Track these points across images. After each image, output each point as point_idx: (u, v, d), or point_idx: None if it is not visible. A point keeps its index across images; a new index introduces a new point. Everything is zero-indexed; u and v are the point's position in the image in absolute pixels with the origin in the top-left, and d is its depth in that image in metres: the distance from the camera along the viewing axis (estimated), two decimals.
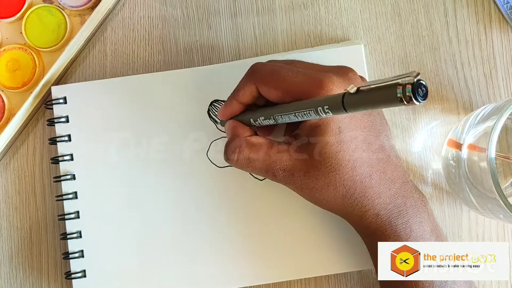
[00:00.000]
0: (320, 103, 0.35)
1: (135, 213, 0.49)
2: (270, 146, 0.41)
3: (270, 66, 0.41)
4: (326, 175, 0.39)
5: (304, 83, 0.39)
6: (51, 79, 0.51)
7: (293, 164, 0.40)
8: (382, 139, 0.41)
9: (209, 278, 0.48)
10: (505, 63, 0.50)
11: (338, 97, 0.33)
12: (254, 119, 0.42)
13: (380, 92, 0.30)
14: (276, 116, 0.40)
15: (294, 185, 0.41)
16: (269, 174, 0.41)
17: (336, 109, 0.34)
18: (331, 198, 0.40)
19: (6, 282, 0.51)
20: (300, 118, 0.37)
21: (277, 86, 0.40)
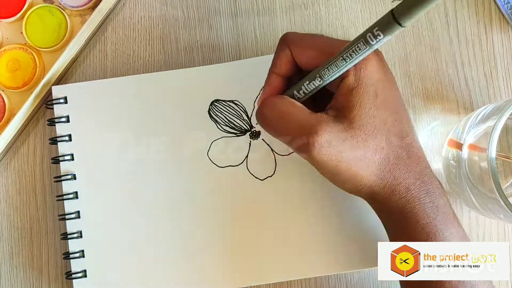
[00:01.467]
0: (368, 29, 0.33)
1: (135, 213, 0.49)
2: (308, 111, 0.39)
3: (301, 33, 0.41)
4: (364, 141, 0.37)
5: (339, 42, 0.38)
6: (52, 79, 0.51)
7: (331, 132, 0.37)
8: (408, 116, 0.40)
9: (209, 278, 0.48)
10: (505, 63, 0.50)
11: (386, 14, 0.31)
12: (297, 89, 0.40)
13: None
14: (321, 71, 0.37)
15: (329, 157, 0.37)
16: (302, 140, 0.38)
17: (388, 26, 0.31)
18: (365, 172, 0.38)
19: (6, 281, 0.51)
20: (349, 60, 0.35)
21: (312, 46, 0.39)
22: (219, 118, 0.49)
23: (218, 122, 0.49)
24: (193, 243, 0.48)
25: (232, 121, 0.49)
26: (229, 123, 0.49)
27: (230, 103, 0.49)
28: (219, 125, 0.49)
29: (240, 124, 0.49)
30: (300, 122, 0.38)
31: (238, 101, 0.49)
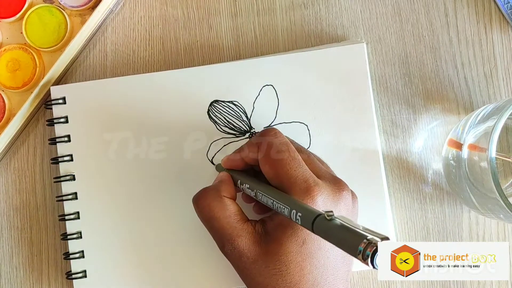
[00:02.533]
0: (296, 208, 0.35)
1: (135, 213, 0.49)
2: (237, 218, 0.41)
3: (279, 144, 0.41)
4: (271, 275, 0.38)
5: (297, 180, 0.39)
6: (52, 79, 0.51)
7: (248, 248, 0.39)
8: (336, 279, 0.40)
9: (209, 278, 0.48)
10: (505, 63, 0.50)
11: (312, 214, 0.34)
12: (241, 182, 0.43)
13: (347, 234, 0.31)
14: (257, 192, 0.40)
15: (237, 263, 0.40)
16: (219, 241, 0.41)
17: (305, 223, 0.34)
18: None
19: (6, 282, 0.51)
20: (275, 208, 0.38)
21: (273, 167, 0.40)
22: (218, 119, 0.49)
23: (217, 123, 0.49)
24: (193, 243, 0.48)
25: (232, 122, 0.49)
26: (228, 124, 0.49)
27: (230, 104, 0.49)
28: (219, 126, 0.49)
29: (239, 125, 0.49)
30: (223, 231, 0.40)
31: (237, 102, 0.49)
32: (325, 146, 0.48)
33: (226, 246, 0.40)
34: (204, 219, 0.42)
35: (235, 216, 0.41)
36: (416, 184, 0.50)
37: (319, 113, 0.49)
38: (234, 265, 0.41)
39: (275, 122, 0.49)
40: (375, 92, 0.50)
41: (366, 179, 0.48)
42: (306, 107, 0.49)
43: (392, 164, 0.50)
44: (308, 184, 0.38)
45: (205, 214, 0.41)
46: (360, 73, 0.48)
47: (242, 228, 0.40)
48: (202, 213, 0.41)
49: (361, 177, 0.47)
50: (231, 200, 0.42)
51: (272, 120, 0.49)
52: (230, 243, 0.40)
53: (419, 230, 0.49)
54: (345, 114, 0.48)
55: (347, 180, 0.42)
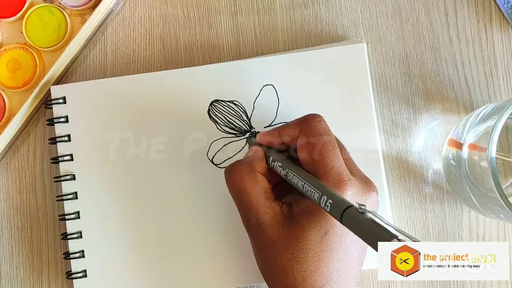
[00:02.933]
0: (328, 194, 0.35)
1: (135, 213, 0.49)
2: (267, 196, 0.41)
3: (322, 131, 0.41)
4: (288, 259, 0.38)
5: (332, 170, 0.39)
6: (52, 78, 0.51)
7: (271, 227, 0.39)
8: (352, 275, 0.40)
9: (209, 278, 0.48)
10: (505, 63, 0.50)
11: (343, 204, 0.33)
12: (273, 159, 0.42)
13: (378, 230, 0.30)
14: (289, 172, 0.40)
15: (257, 240, 0.41)
16: (245, 214, 0.41)
17: (335, 212, 0.34)
18: (272, 274, 0.40)
19: (6, 281, 0.52)
20: (305, 192, 0.38)
21: (312, 152, 0.40)
22: (219, 119, 0.49)
23: (218, 122, 0.49)
24: (193, 243, 0.48)
25: (232, 122, 0.49)
26: (228, 123, 0.49)
27: (230, 104, 0.49)
28: (219, 126, 0.49)
29: (239, 124, 0.49)
30: (251, 205, 0.40)
31: (237, 102, 0.49)
32: None
33: (251, 220, 0.40)
34: (235, 191, 0.41)
35: (265, 193, 0.41)
36: (416, 183, 0.50)
37: (319, 112, 0.48)
38: (253, 242, 0.41)
39: (275, 122, 0.49)
40: (375, 91, 0.50)
41: None
42: (306, 106, 0.49)
43: (392, 163, 0.50)
44: (342, 177, 0.38)
45: (236, 186, 0.41)
46: (360, 72, 0.48)
47: (270, 206, 0.40)
48: (234, 186, 0.41)
49: None
50: (263, 176, 0.42)
51: (273, 120, 0.49)
52: (255, 218, 0.40)
53: (419, 229, 0.49)
54: (345, 113, 0.48)
55: None
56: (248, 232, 0.41)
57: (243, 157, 0.44)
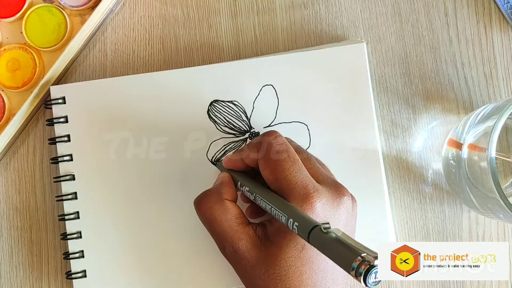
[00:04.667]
0: (294, 216, 0.35)
1: (134, 213, 0.49)
2: (238, 221, 0.41)
3: (279, 148, 0.41)
4: (270, 279, 0.38)
5: (296, 185, 0.39)
6: (51, 78, 0.51)
7: (248, 251, 0.39)
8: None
9: (209, 278, 0.48)
10: (505, 63, 0.50)
11: (309, 225, 0.34)
12: (241, 184, 0.42)
13: (341, 249, 0.31)
14: (257, 196, 0.40)
15: (237, 266, 0.41)
16: (220, 244, 0.41)
17: (302, 233, 0.34)
18: None
19: (6, 281, 0.51)
20: (273, 215, 0.38)
21: (273, 171, 0.40)
22: (218, 119, 0.49)
23: (217, 122, 0.49)
24: (193, 243, 0.48)
25: (231, 122, 0.49)
26: (228, 123, 0.49)
27: (230, 104, 0.49)
28: (218, 126, 0.49)
29: (239, 125, 0.49)
30: (224, 234, 0.40)
31: (237, 102, 0.49)
32: (325, 146, 0.48)
33: (227, 249, 0.40)
34: (206, 221, 0.42)
35: (236, 219, 0.41)
36: (416, 184, 0.50)
37: (319, 113, 0.48)
38: (234, 268, 0.41)
39: (275, 122, 0.49)
40: (375, 92, 0.50)
41: (366, 179, 0.48)
42: (306, 107, 0.49)
43: (392, 164, 0.50)
44: (307, 190, 0.38)
45: (206, 217, 0.41)
46: (360, 73, 0.48)
47: (243, 231, 0.40)
48: (204, 216, 0.42)
49: (361, 177, 0.47)
50: (232, 203, 0.42)
51: (272, 120, 0.49)
52: (231, 246, 0.40)
53: (419, 230, 0.49)
54: (345, 114, 0.48)
55: (347, 180, 0.42)
56: (227, 259, 0.41)
57: (212, 186, 0.44)
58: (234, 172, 0.44)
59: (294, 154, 0.41)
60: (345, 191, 0.40)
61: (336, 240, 0.31)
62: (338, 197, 0.40)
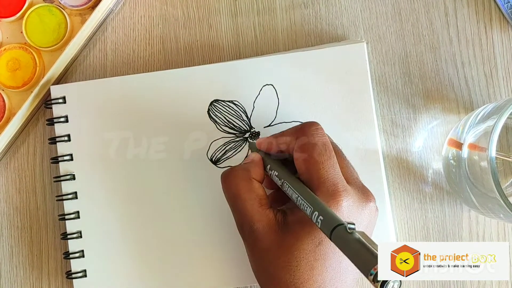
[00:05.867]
0: (320, 210, 0.35)
1: (135, 213, 0.49)
2: (261, 203, 0.40)
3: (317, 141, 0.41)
4: (280, 267, 0.38)
5: (326, 181, 0.39)
6: (52, 78, 0.51)
7: (265, 234, 0.39)
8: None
9: (209, 278, 0.48)
10: (505, 63, 0.50)
11: (334, 221, 0.34)
12: (270, 168, 0.42)
13: (363, 252, 0.31)
14: (284, 183, 0.40)
15: (250, 246, 0.41)
16: (239, 221, 0.41)
17: (325, 228, 0.34)
18: (265, 281, 0.40)
19: (6, 281, 0.52)
20: (299, 204, 0.38)
21: (306, 162, 0.40)
22: (219, 119, 0.49)
23: (218, 122, 0.49)
24: (193, 243, 0.48)
25: (232, 122, 0.49)
26: (228, 123, 0.49)
27: (230, 103, 0.49)
28: (219, 126, 0.49)
29: (239, 124, 0.49)
30: (245, 212, 0.40)
31: (237, 101, 0.49)
32: None
33: (245, 227, 0.40)
34: (229, 197, 0.41)
35: (260, 200, 0.40)
36: (416, 183, 0.50)
37: (319, 112, 0.48)
38: (247, 248, 0.41)
39: (275, 122, 0.49)
40: (375, 91, 0.50)
41: (366, 178, 0.47)
42: (306, 106, 0.49)
43: (392, 163, 0.50)
44: (337, 188, 0.38)
45: (231, 192, 0.41)
46: (360, 72, 0.48)
47: (264, 213, 0.40)
48: (229, 191, 0.41)
49: (361, 177, 0.47)
50: (258, 183, 0.42)
51: (272, 120, 0.49)
52: (249, 225, 0.40)
53: (419, 230, 0.49)
54: (345, 113, 0.48)
55: None
56: (242, 238, 0.41)
57: (241, 163, 0.44)
58: (266, 155, 0.44)
59: (331, 149, 0.40)
60: (372, 197, 0.41)
61: (359, 242, 0.31)
62: (364, 201, 0.40)
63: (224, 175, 0.42)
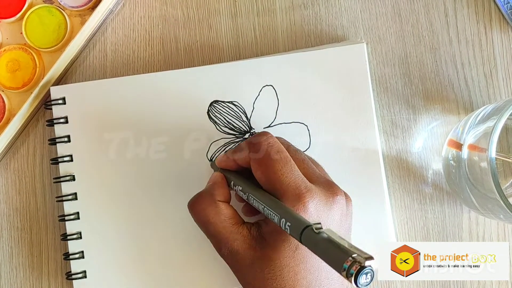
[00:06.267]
0: (286, 217, 0.35)
1: (135, 214, 0.49)
2: (232, 222, 0.41)
3: (270, 149, 0.41)
4: (266, 279, 0.38)
5: (288, 186, 0.39)
6: (51, 79, 0.51)
7: (243, 252, 0.39)
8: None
9: (209, 278, 0.48)
10: (505, 63, 0.50)
11: (301, 225, 0.34)
12: (234, 184, 0.42)
13: (333, 250, 0.31)
14: (250, 195, 0.40)
15: (233, 267, 0.41)
16: (216, 245, 0.41)
17: (294, 233, 0.34)
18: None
19: (6, 282, 0.51)
20: (266, 215, 0.38)
21: (265, 172, 0.40)
22: (218, 119, 0.49)
23: (217, 123, 0.49)
24: (193, 243, 0.48)
25: (231, 122, 0.49)
26: (228, 124, 0.49)
27: (230, 104, 0.49)
28: (218, 126, 0.49)
29: (239, 125, 0.49)
30: (219, 235, 0.40)
31: (237, 102, 0.49)
32: (325, 146, 0.48)
33: (223, 250, 0.40)
34: (200, 224, 0.42)
35: (230, 220, 0.41)
36: (416, 184, 0.50)
37: (319, 113, 0.48)
38: (231, 268, 0.41)
39: (275, 123, 0.49)
40: (375, 92, 0.50)
41: (366, 179, 0.48)
42: (306, 107, 0.49)
43: (392, 164, 0.50)
44: (300, 191, 0.38)
45: (200, 219, 0.42)
46: (360, 73, 0.48)
47: (237, 231, 0.40)
48: (198, 218, 0.42)
49: (361, 177, 0.47)
50: (225, 204, 0.42)
51: (272, 120, 0.49)
52: (226, 246, 0.40)
53: (419, 230, 0.49)
54: (345, 114, 0.48)
55: (347, 180, 0.42)
56: (224, 260, 0.41)
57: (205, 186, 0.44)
58: (227, 172, 0.44)
59: (286, 154, 0.40)
60: (338, 190, 0.40)
61: (327, 240, 0.31)
62: (331, 196, 0.39)
63: (190, 204, 0.42)
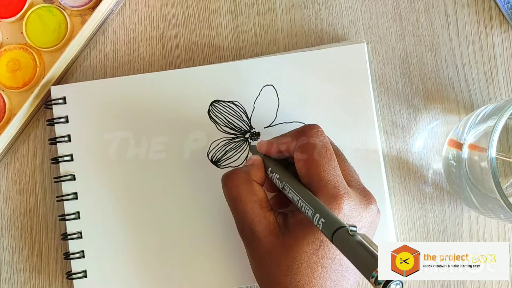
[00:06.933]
0: (321, 213, 0.35)
1: (135, 213, 0.49)
2: (262, 205, 0.40)
3: (318, 144, 0.40)
4: (281, 270, 0.38)
5: (327, 183, 0.39)
6: (52, 79, 0.51)
7: (265, 237, 0.39)
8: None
9: (209, 278, 0.48)
10: (505, 63, 0.50)
11: (335, 224, 0.33)
12: (271, 171, 0.42)
13: (365, 255, 0.31)
14: (285, 185, 0.40)
15: (251, 249, 0.41)
16: (240, 223, 0.41)
17: (326, 231, 0.34)
18: (265, 283, 0.40)
19: (6, 281, 0.52)
20: (300, 207, 0.37)
21: (307, 165, 0.40)
22: (219, 119, 0.49)
23: (218, 123, 0.49)
24: (192, 243, 0.48)
25: (232, 122, 0.49)
26: (228, 123, 0.49)
27: (230, 104, 0.49)
28: (219, 126, 0.49)
29: (239, 125, 0.49)
30: (245, 214, 0.40)
31: (237, 102, 0.49)
32: None
33: (245, 230, 0.40)
34: (230, 199, 0.41)
35: (260, 202, 0.40)
36: (416, 184, 0.50)
37: (319, 113, 0.48)
38: (248, 251, 0.41)
39: (275, 122, 0.49)
40: (375, 92, 0.50)
41: (366, 179, 0.47)
42: (306, 107, 0.49)
43: (392, 164, 0.50)
44: (338, 191, 0.38)
45: (232, 195, 0.41)
46: (360, 73, 0.48)
47: (264, 215, 0.40)
48: (229, 194, 0.41)
49: (361, 177, 0.47)
50: (259, 186, 0.41)
51: (273, 120, 0.49)
52: (249, 227, 0.40)
53: (419, 230, 0.49)
54: (345, 114, 0.48)
55: None
56: (243, 241, 0.41)
57: (242, 165, 0.44)
58: (266, 158, 0.44)
59: (332, 152, 0.40)
60: (373, 200, 0.40)
61: (360, 244, 0.31)
62: (366, 203, 0.40)
63: (225, 177, 0.42)
